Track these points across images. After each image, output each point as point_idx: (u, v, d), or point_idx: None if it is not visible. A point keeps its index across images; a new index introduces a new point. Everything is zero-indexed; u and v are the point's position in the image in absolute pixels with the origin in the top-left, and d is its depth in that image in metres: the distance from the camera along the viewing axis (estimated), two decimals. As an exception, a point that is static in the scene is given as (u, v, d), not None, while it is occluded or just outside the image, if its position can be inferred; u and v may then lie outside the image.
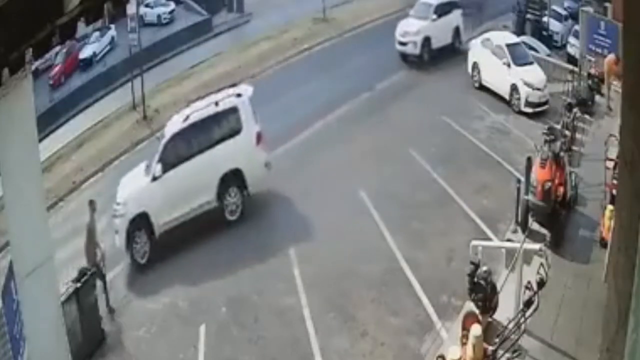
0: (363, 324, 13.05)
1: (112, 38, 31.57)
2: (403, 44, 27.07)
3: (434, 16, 27.25)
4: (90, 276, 12.91)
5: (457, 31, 28.05)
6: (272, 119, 22.19)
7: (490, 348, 9.32)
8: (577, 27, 26.52)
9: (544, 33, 29.11)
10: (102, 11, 7.67)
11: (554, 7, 30.29)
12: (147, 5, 34.30)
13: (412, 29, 26.97)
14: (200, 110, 16.78)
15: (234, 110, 16.83)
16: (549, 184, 14.27)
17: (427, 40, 26.84)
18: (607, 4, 25.44)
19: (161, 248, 15.78)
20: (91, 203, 14.66)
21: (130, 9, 24.97)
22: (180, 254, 15.68)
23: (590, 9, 25.89)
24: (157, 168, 16.08)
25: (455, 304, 13.01)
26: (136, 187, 16.24)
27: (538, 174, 14.47)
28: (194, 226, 16.35)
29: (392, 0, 33.21)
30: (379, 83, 24.70)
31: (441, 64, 26.18)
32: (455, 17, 27.98)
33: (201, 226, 16.35)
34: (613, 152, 14.52)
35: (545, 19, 29.52)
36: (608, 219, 13.03)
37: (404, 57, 27.08)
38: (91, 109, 26.57)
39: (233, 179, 16.70)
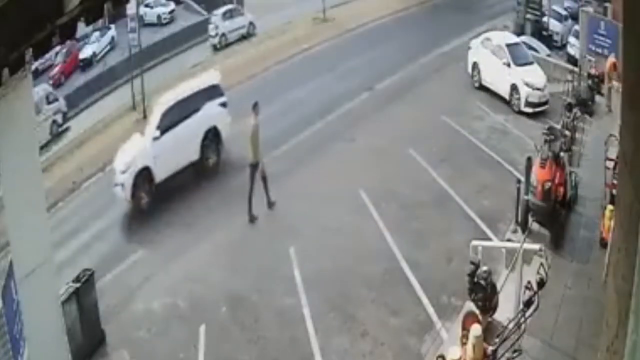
0: (363, 324, 13.03)
1: (112, 38, 31.68)
2: (116, 184, 17.62)
3: (157, 132, 17.75)
4: (90, 276, 12.89)
5: (212, 137, 18.71)
6: (272, 119, 22.23)
7: (490, 348, 9.28)
8: (577, 27, 26.58)
9: (544, 33, 29.15)
10: (102, 11, 7.66)
11: (554, 7, 30.35)
12: (147, 5, 34.42)
13: (122, 162, 17.63)
14: None
15: None
16: (549, 184, 14.25)
17: (145, 172, 17.36)
18: (607, 4, 25.49)
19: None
20: (255, 105, 16.67)
21: (130, 9, 25.09)
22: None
23: (590, 9, 25.93)
24: None
25: (455, 304, 12.98)
26: None
27: (538, 174, 14.44)
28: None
29: (392, 0, 33.28)
30: (378, 83, 24.70)
31: (440, 65, 26.18)
32: (208, 116, 18.73)
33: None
34: (613, 152, 14.48)
35: (545, 19, 29.55)
36: (608, 219, 12.99)
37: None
38: (91, 109, 26.61)
39: None
